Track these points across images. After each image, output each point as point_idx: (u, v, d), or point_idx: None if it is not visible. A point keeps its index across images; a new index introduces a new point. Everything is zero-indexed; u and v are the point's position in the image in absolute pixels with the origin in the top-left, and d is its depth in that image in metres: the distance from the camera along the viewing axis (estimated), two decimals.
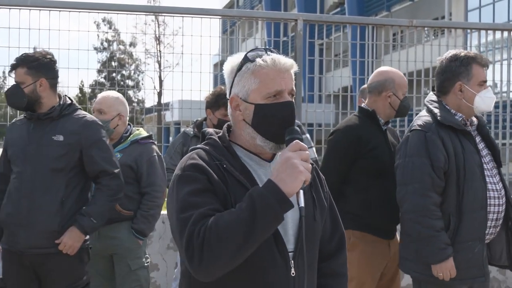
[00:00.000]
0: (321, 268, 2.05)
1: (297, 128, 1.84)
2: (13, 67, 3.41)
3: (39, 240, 3.27)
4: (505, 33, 6.09)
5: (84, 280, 3.42)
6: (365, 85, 5.00)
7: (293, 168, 1.67)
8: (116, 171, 3.48)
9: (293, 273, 1.84)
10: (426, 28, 6.41)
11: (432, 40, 6.01)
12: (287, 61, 1.88)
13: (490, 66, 6.09)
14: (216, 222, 1.69)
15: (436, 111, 3.21)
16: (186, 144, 4.65)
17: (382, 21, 7.09)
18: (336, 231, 2.12)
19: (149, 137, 4.16)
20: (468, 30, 6.41)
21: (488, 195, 3.13)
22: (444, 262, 3.06)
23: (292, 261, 1.85)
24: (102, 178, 3.44)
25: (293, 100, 1.89)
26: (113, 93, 4.20)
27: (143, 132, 4.16)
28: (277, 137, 1.86)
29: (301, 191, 1.70)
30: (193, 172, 1.80)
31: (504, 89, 6.44)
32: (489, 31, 6.00)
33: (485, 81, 3.24)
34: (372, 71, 5.89)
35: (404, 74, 6.09)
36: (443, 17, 24.38)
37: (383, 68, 3.83)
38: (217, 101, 4.51)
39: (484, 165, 3.18)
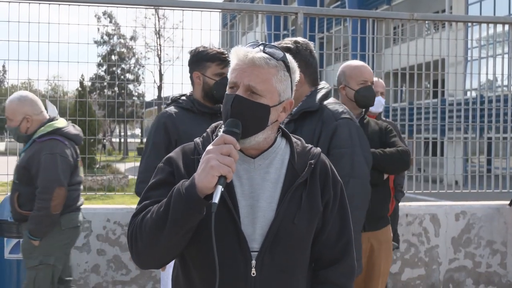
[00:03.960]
0: (318, 275, 1.93)
1: (238, 122, 1.72)
2: (228, 63, 3.42)
3: None
4: (506, 27, 6.09)
5: None
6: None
7: (206, 162, 1.62)
8: None
9: (253, 274, 1.76)
10: (426, 22, 6.39)
11: (433, 34, 5.99)
12: (249, 55, 1.76)
13: (491, 60, 6.13)
14: (144, 215, 1.72)
15: None
16: None
17: (383, 14, 7.05)
18: (342, 237, 1.95)
19: (52, 132, 3.94)
20: (469, 24, 6.39)
21: None
22: None
23: (255, 262, 1.76)
24: None
25: (245, 95, 1.75)
26: (16, 96, 4.01)
27: (55, 125, 3.97)
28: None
29: (219, 187, 1.60)
30: (164, 164, 1.86)
31: (505, 82, 6.43)
32: (490, 25, 5.99)
33: None
34: (373, 65, 5.90)
35: (405, 68, 6.12)
36: (443, 11, 24.36)
37: (344, 63, 3.75)
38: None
39: None
